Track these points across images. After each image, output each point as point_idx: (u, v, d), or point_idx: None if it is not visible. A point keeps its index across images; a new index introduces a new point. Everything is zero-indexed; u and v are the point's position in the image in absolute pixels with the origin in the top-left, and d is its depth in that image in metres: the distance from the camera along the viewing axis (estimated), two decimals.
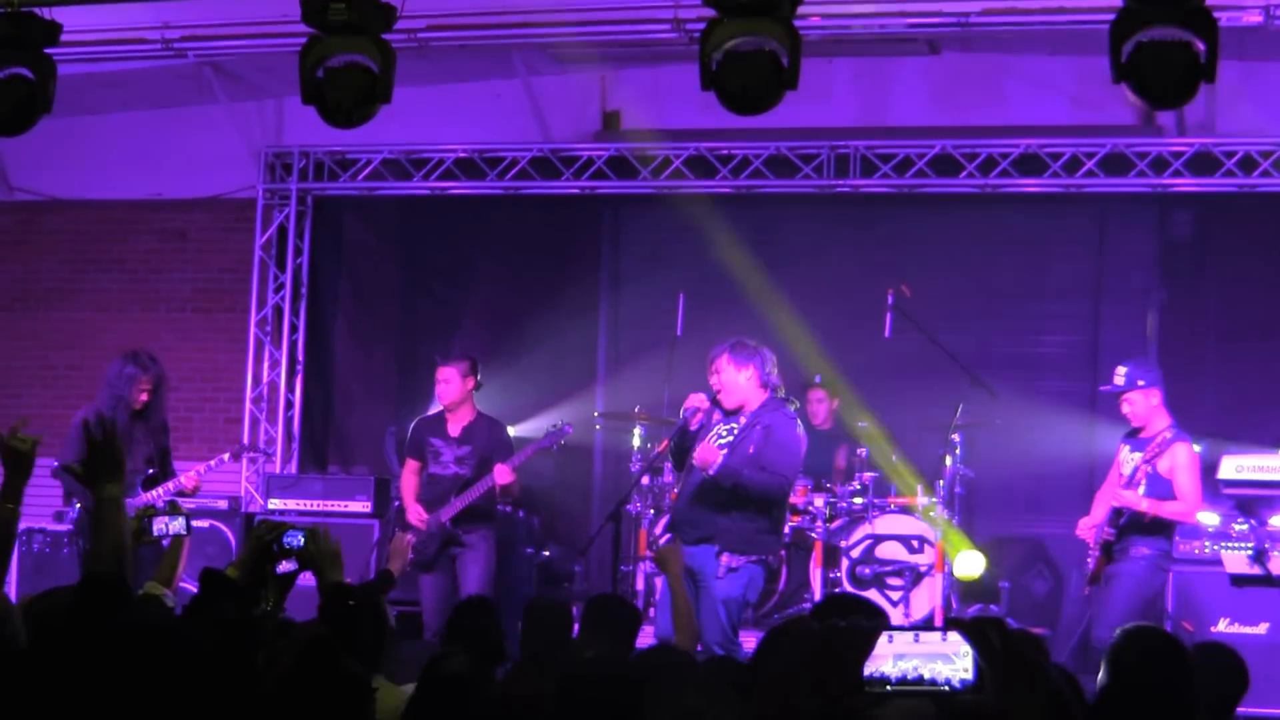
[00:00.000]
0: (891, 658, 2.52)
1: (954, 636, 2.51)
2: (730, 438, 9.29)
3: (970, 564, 11.68)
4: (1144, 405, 10.12)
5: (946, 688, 2.50)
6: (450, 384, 10.75)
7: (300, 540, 5.87)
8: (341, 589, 5.71)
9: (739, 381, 9.33)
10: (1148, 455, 9.89)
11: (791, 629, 4.00)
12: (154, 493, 10.35)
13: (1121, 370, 10.21)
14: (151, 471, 10.60)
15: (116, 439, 5.54)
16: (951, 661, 2.51)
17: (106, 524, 5.34)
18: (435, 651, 5.38)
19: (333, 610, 5.54)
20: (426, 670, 4.64)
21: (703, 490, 9.28)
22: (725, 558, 9.20)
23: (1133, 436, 10.25)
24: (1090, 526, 10.12)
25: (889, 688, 2.50)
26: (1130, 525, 9.92)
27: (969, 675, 2.50)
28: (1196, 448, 10.20)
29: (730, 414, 9.39)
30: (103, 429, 5.52)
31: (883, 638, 2.51)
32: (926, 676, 2.51)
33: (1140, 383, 10.11)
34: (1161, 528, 10.00)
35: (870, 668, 2.51)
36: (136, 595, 5.51)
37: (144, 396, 10.56)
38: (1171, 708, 4.72)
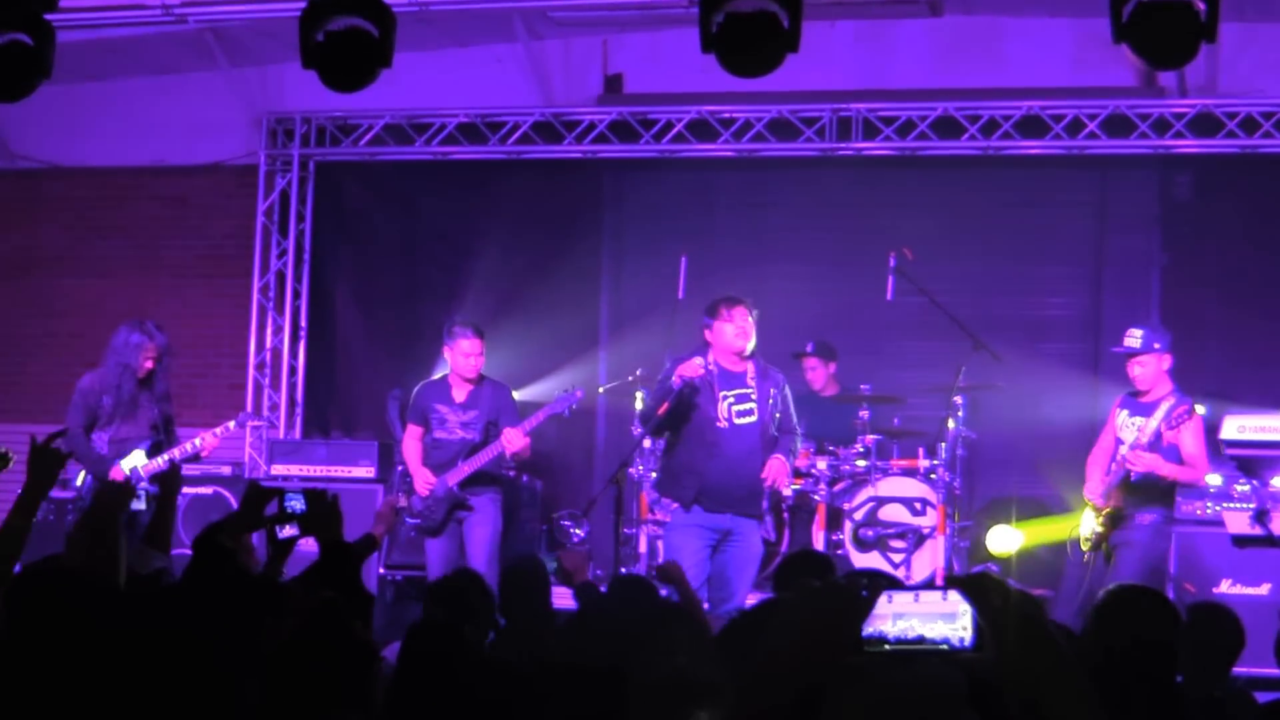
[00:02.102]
0: (891, 617, 2.52)
1: (954, 596, 2.51)
2: (751, 404, 9.41)
3: (1005, 540, 11.69)
4: (1155, 369, 9.98)
5: (946, 647, 2.51)
6: (480, 357, 10.75)
7: (302, 503, 5.87)
8: (344, 548, 5.70)
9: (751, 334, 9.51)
10: (1171, 422, 9.65)
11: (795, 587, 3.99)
12: (160, 459, 10.38)
13: (1137, 333, 10.06)
14: (156, 439, 10.63)
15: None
16: (952, 621, 2.51)
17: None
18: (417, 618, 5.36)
19: (330, 570, 5.53)
20: (408, 634, 4.64)
21: (748, 459, 9.43)
22: (768, 521, 9.55)
23: (1133, 400, 10.18)
24: (1100, 493, 10.01)
25: (887, 647, 2.51)
26: (1138, 491, 9.81)
27: (969, 635, 2.51)
28: (1201, 409, 10.14)
29: (732, 375, 9.45)
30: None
31: (882, 597, 2.52)
32: (926, 636, 2.52)
33: (1156, 346, 9.96)
34: (1167, 493, 9.90)
35: (870, 627, 2.52)
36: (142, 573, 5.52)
37: (149, 364, 10.59)
38: (1158, 665, 4.75)
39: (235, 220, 14.73)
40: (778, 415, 9.53)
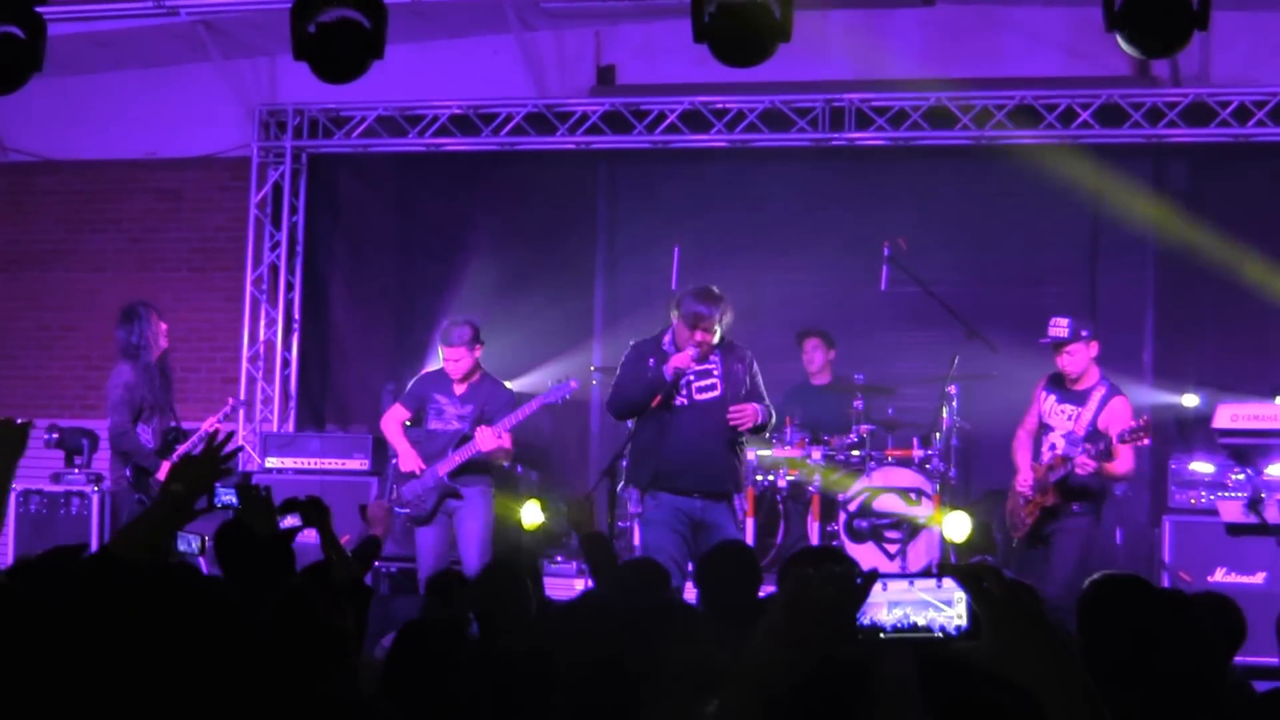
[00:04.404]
0: (886, 605, 2.52)
1: (949, 583, 2.51)
2: (713, 379, 9.27)
3: (959, 526, 11.55)
4: (1084, 358, 9.84)
5: (941, 634, 2.51)
6: (460, 362, 10.69)
7: (234, 498, 5.86)
8: (281, 540, 5.72)
9: (717, 335, 9.33)
10: (1124, 438, 9.43)
11: (789, 576, 3.99)
12: (179, 450, 10.44)
13: (1063, 321, 9.89)
14: (175, 426, 10.71)
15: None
16: (946, 609, 2.51)
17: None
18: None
19: (271, 562, 5.54)
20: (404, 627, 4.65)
21: (708, 437, 9.27)
22: (737, 501, 9.40)
23: (1059, 387, 10.01)
24: (1031, 485, 9.92)
25: (883, 635, 2.51)
26: (1075, 485, 9.68)
27: (964, 622, 2.51)
28: (1193, 399, 10.07)
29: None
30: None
31: (877, 585, 2.52)
32: (921, 624, 2.52)
33: (1083, 334, 9.80)
34: (1101, 485, 9.82)
35: (865, 616, 2.52)
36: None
37: (164, 326, 10.67)
38: (1146, 656, 4.75)
39: (228, 213, 14.73)
40: (744, 390, 9.33)
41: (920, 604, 2.54)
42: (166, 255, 14.93)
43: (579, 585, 11.66)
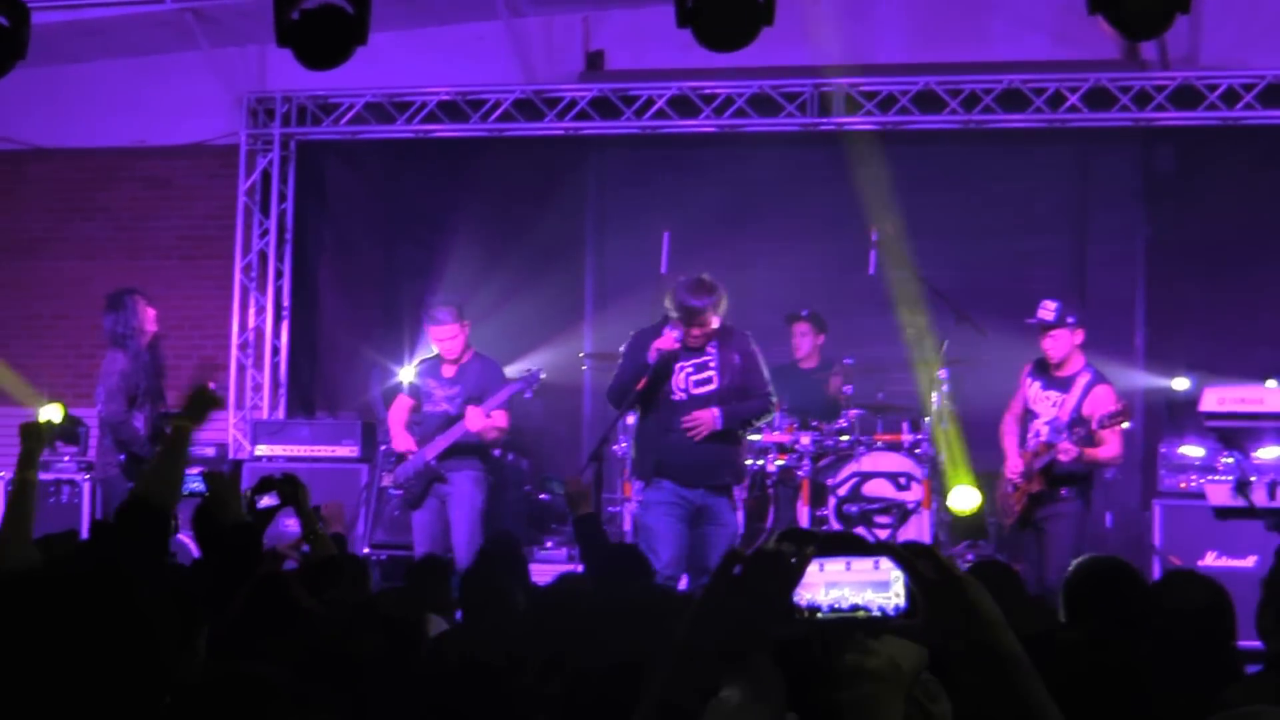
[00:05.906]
0: (824, 586, 2.51)
1: (886, 564, 2.51)
2: (710, 372, 9.27)
3: (965, 499, 11.48)
4: (1068, 344, 9.95)
5: (879, 614, 2.51)
6: (454, 339, 10.70)
7: (202, 485, 5.94)
8: (248, 528, 5.75)
9: (716, 322, 9.30)
10: (1103, 422, 9.57)
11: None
12: None
13: (1052, 305, 10.02)
14: (166, 412, 10.74)
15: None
16: (884, 589, 2.51)
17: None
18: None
19: (237, 549, 5.57)
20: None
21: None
22: (736, 492, 9.43)
23: (1044, 373, 10.09)
24: (1020, 472, 9.98)
25: (820, 616, 2.51)
26: (1056, 473, 9.78)
27: (901, 601, 2.51)
28: (1183, 383, 10.05)
29: (693, 349, 9.35)
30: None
31: (814, 566, 2.51)
32: (859, 604, 2.51)
33: (1070, 320, 9.93)
34: (1084, 470, 9.89)
35: (802, 597, 2.51)
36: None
37: (152, 312, 10.72)
38: (1129, 627, 4.77)
39: (217, 200, 14.70)
40: (739, 379, 9.32)
41: (858, 585, 2.54)
42: (156, 243, 14.92)
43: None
